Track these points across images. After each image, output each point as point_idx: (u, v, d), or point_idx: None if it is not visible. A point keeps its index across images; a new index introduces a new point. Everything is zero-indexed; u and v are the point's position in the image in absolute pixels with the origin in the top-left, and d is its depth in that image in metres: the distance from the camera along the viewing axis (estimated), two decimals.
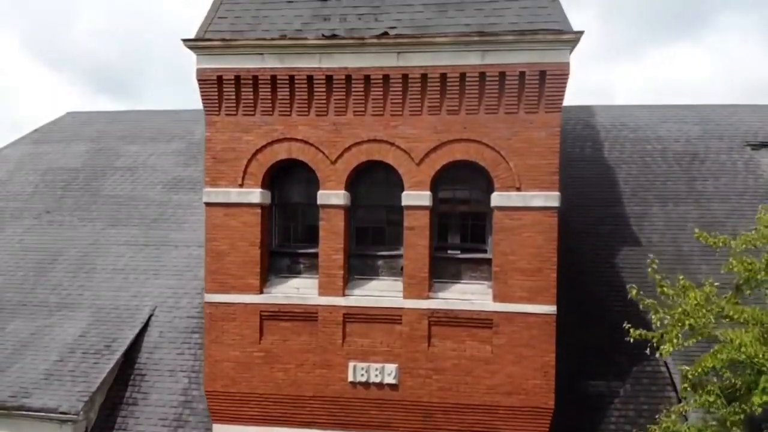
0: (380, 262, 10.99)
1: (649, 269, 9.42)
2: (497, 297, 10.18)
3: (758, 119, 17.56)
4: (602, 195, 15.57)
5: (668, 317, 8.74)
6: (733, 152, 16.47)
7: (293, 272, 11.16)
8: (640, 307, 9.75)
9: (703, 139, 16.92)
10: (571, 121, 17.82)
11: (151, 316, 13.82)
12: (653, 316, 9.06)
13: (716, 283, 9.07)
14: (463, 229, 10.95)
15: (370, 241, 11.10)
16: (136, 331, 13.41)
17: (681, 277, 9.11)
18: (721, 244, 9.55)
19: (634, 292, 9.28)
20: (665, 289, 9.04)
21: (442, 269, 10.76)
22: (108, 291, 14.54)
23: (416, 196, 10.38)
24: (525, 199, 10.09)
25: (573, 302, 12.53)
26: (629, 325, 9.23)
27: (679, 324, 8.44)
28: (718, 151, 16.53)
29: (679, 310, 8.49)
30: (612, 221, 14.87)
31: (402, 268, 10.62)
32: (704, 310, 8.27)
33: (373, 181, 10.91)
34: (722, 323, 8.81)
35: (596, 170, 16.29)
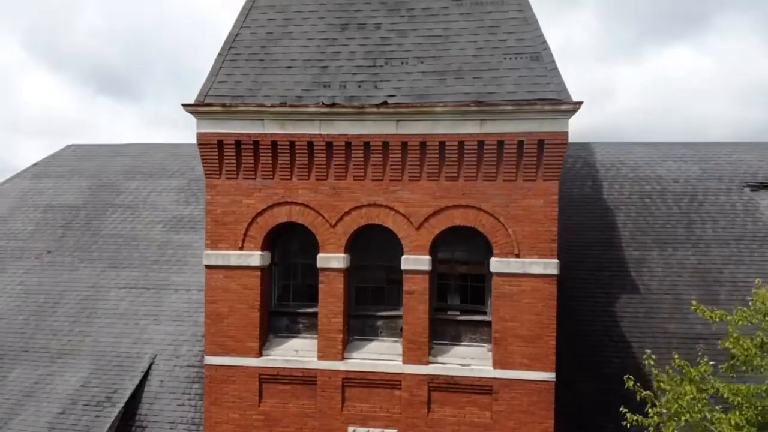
0: (380, 323, 11.04)
1: (646, 361, 9.52)
2: (497, 363, 10.22)
3: (758, 158, 17.60)
4: (602, 238, 15.62)
5: (665, 410, 8.77)
6: (732, 193, 16.50)
7: (292, 332, 11.21)
8: (640, 360, 9.84)
9: (702, 180, 16.96)
10: (570, 158, 17.88)
11: (151, 364, 13.85)
12: (650, 410, 9.07)
13: (711, 362, 9.10)
14: (462, 290, 11.00)
15: (370, 301, 11.15)
16: (137, 381, 13.45)
17: (676, 357, 9.17)
18: (718, 320, 9.57)
19: (630, 383, 9.30)
20: (662, 384, 9.10)
21: (442, 331, 10.82)
22: (108, 337, 14.58)
23: (415, 261, 10.42)
24: (524, 266, 10.13)
25: (572, 353, 12.61)
26: (626, 410, 9.27)
27: (675, 418, 8.48)
28: (717, 192, 16.57)
29: (675, 406, 8.52)
30: (611, 267, 14.91)
31: (401, 329, 10.67)
32: (699, 405, 8.30)
33: (373, 241, 10.95)
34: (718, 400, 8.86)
35: (596, 212, 16.33)
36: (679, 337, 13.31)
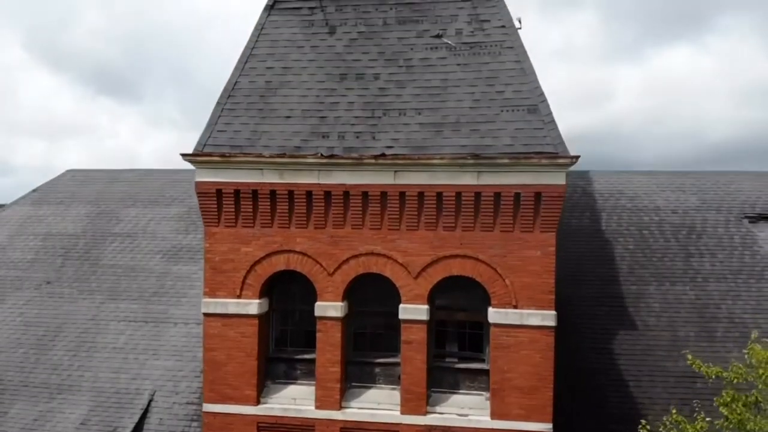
0: (378, 370, 11.08)
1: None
2: (495, 414, 10.26)
3: (757, 188, 17.63)
4: (600, 271, 15.65)
5: None
6: (730, 225, 16.53)
7: (290, 378, 11.25)
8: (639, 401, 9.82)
9: (701, 211, 16.98)
10: (569, 187, 17.85)
11: (150, 401, 13.88)
12: None
13: (707, 418, 9.13)
14: (460, 337, 11.04)
15: (368, 347, 11.19)
16: (136, 419, 13.47)
17: (674, 412, 9.19)
18: (714, 376, 9.60)
19: None
20: None
21: (440, 378, 10.85)
22: (108, 372, 14.60)
23: (413, 310, 10.46)
24: (522, 318, 10.17)
25: (571, 393, 12.65)
26: None
27: None
28: (715, 223, 16.60)
29: None
30: (609, 302, 14.94)
31: (399, 377, 10.71)
32: None
33: (372, 287, 10.96)
34: None
35: (594, 243, 16.36)
36: (677, 376, 13.33)
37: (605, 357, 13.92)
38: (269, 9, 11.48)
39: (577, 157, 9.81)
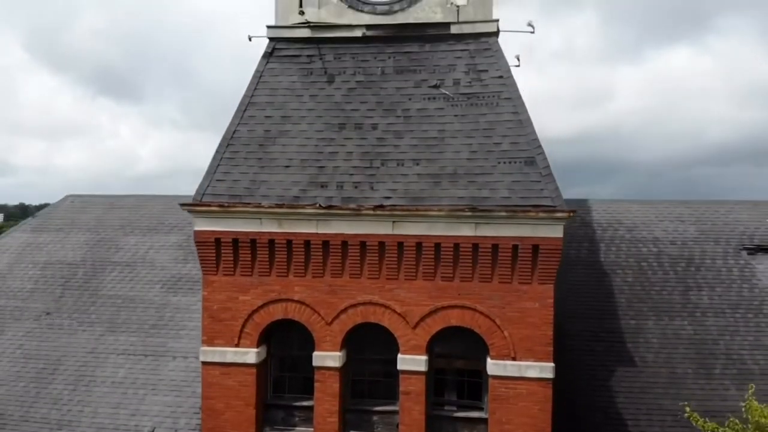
0: (376, 418, 11.09)
1: None
2: None
3: (755, 217, 17.64)
4: (598, 305, 15.65)
5: None
6: (728, 257, 16.54)
7: (288, 424, 11.27)
8: None
9: (699, 242, 16.99)
10: None
11: None
12: None
13: None
14: (459, 385, 11.05)
15: (366, 394, 11.21)
16: None
17: None
18: (710, 431, 9.62)
19: None
20: None
21: (439, 427, 10.85)
22: (107, 407, 14.60)
23: (412, 361, 10.49)
24: (520, 370, 10.19)
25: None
26: None
27: None
28: (713, 255, 16.61)
29: None
30: (607, 337, 14.95)
31: (398, 425, 10.73)
32: None
33: (370, 334, 10.97)
34: None
35: (593, 276, 16.37)
36: (674, 414, 13.35)
37: (603, 394, 13.91)
38: (268, 56, 11.50)
39: (574, 212, 9.86)
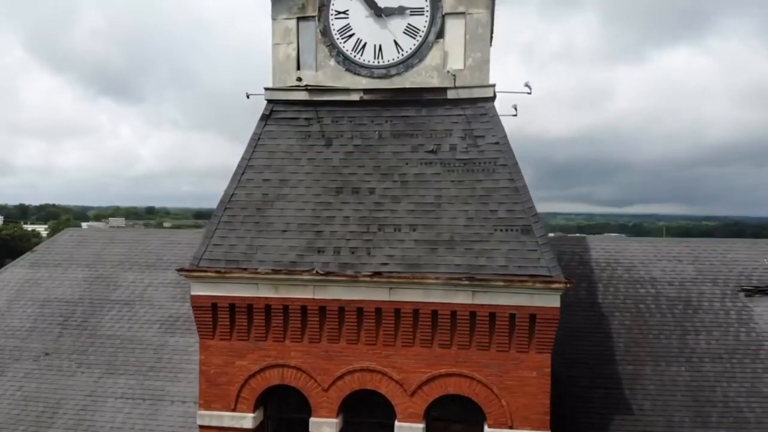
0: None
1: None
2: None
3: (753, 257, 17.64)
4: (596, 350, 15.63)
5: None
6: (726, 299, 16.55)
7: None
8: None
9: (697, 283, 17.00)
10: (565, 255, 17.95)
11: None
12: None
13: None
14: None
15: None
16: None
17: None
18: None
19: None
20: None
21: None
22: None
23: (409, 429, 10.50)
24: None
25: None
26: None
27: None
28: (711, 297, 16.61)
29: None
30: (604, 384, 14.92)
31: None
32: None
33: (367, 399, 10.97)
34: None
35: (591, 319, 16.36)
36: None
37: None
38: (266, 119, 11.51)
39: (572, 282, 9.87)
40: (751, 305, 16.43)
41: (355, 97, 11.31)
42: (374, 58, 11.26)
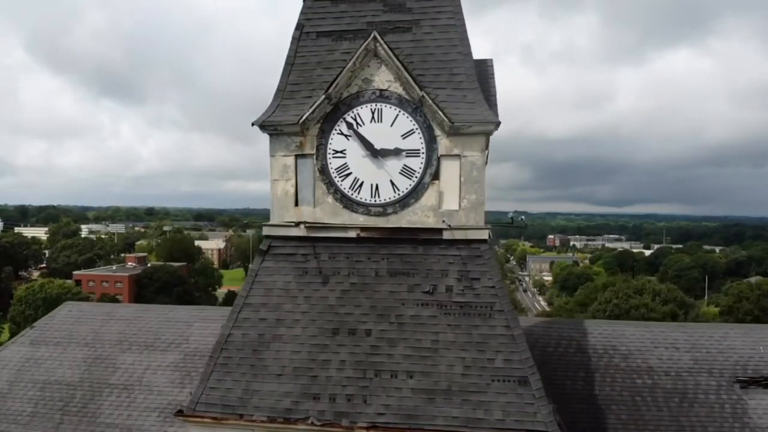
0: None
1: None
2: None
3: (749, 344, 17.73)
4: None
5: None
6: (722, 391, 16.63)
7: None
8: None
9: (693, 373, 17.08)
10: (563, 341, 18.06)
11: None
12: None
13: None
14: None
15: None
16: None
17: None
18: None
19: None
20: None
21: None
22: None
23: None
24: None
25: None
26: None
27: None
28: (707, 389, 16.69)
29: None
30: None
31: None
32: None
33: None
34: None
35: (588, 412, 16.44)
36: None
37: None
38: (263, 254, 11.58)
39: None
40: (746, 398, 16.51)
41: (353, 234, 11.37)
42: (371, 196, 11.32)
